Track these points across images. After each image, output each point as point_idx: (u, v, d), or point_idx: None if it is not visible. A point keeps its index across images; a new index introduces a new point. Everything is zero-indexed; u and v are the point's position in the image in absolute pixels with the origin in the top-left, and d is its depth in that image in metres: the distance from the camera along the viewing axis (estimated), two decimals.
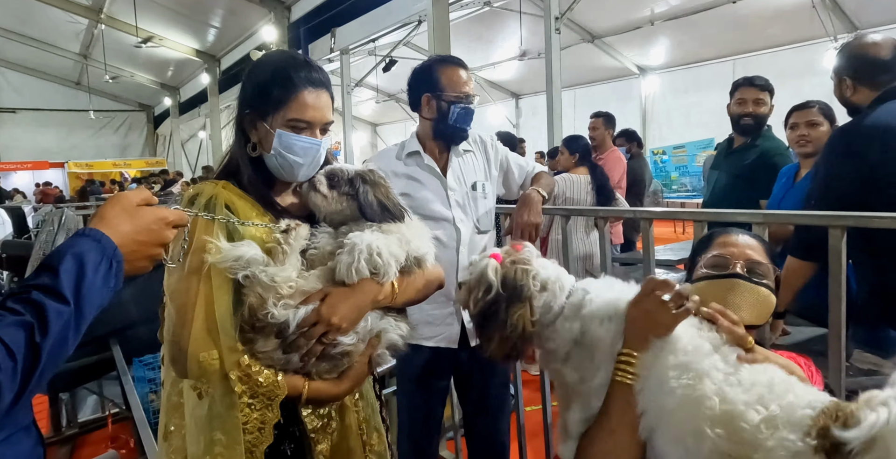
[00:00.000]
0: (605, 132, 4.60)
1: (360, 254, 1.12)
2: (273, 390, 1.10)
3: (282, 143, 1.19)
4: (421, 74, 1.95)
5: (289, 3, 11.37)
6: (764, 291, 1.13)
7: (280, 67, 1.20)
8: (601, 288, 1.10)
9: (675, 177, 12.38)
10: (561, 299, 1.10)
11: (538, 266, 1.12)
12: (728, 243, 1.20)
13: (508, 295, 1.08)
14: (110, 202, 0.88)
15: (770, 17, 9.04)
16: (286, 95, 1.18)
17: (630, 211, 1.80)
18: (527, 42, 9.78)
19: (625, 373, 0.99)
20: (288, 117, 1.19)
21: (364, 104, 16.78)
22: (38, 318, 0.70)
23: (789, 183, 2.48)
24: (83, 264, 0.76)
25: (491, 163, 2.06)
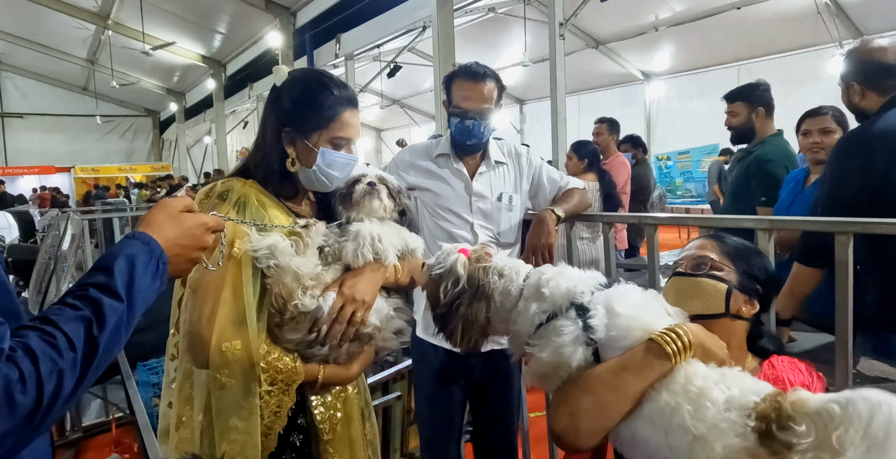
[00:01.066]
0: (609, 138, 4.60)
1: (363, 240, 1.23)
2: (291, 376, 1.16)
3: (325, 160, 1.27)
4: (445, 80, 1.96)
5: (294, 9, 11.43)
6: (701, 280, 1.18)
7: (322, 88, 1.27)
8: (557, 268, 1.18)
9: (679, 182, 12.36)
10: (518, 282, 1.19)
11: (497, 259, 1.24)
12: (686, 248, 1.28)
13: (471, 292, 1.19)
14: (157, 209, 0.96)
15: (775, 23, 9.02)
16: (333, 115, 1.26)
17: (635, 217, 1.80)
18: (531, 48, 9.79)
19: (674, 343, 1.00)
20: (332, 136, 1.27)
21: (369, 110, 16.82)
22: (96, 313, 0.75)
23: (798, 188, 2.46)
24: (134, 265, 0.82)
25: (523, 176, 2.03)
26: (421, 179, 1.98)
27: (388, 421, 2.66)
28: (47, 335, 0.70)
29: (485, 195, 1.95)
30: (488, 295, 1.19)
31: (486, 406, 2.06)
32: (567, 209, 1.91)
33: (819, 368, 1.74)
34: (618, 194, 3.86)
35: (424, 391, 2.07)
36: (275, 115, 1.30)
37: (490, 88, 1.87)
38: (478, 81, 1.86)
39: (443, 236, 1.93)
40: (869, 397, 0.80)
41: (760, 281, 1.21)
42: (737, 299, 1.18)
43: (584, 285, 1.12)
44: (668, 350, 1.00)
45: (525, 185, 2.03)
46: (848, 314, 1.36)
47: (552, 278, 1.14)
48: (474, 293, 1.19)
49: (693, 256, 1.23)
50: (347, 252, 1.24)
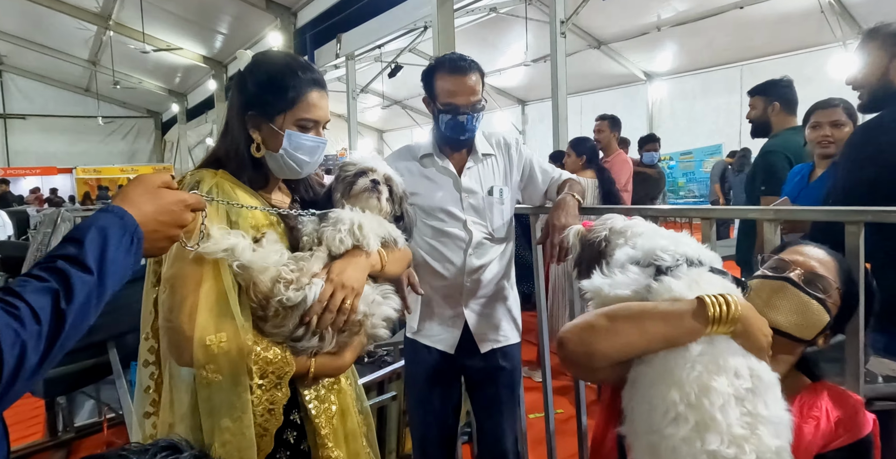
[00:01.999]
0: (610, 135, 4.54)
1: (342, 226, 1.20)
2: (283, 366, 1.11)
3: (291, 143, 1.22)
4: (424, 75, 1.88)
5: (295, 9, 11.42)
6: (814, 304, 1.08)
7: (285, 69, 1.22)
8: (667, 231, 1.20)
9: (682, 183, 12.30)
10: (628, 236, 1.23)
11: (615, 221, 1.32)
12: (797, 251, 1.17)
13: (588, 255, 1.28)
14: (133, 183, 0.92)
15: (778, 23, 8.97)
16: (297, 95, 1.21)
17: (637, 209, 1.74)
18: (533, 48, 9.76)
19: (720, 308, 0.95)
20: (297, 118, 1.22)
21: (370, 111, 16.81)
22: (64, 285, 0.72)
23: (803, 182, 2.40)
24: (107, 238, 0.79)
25: (513, 167, 1.96)
26: (408, 182, 1.90)
27: (384, 422, 2.61)
28: (9, 305, 0.67)
29: (475, 190, 1.88)
30: (604, 253, 1.25)
31: (485, 406, 2.01)
32: (582, 196, 1.84)
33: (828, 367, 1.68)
34: (617, 192, 3.80)
35: (416, 394, 2.03)
36: (239, 99, 1.25)
37: (475, 79, 1.80)
38: (464, 73, 1.78)
39: (435, 236, 1.88)
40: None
41: (846, 319, 1.16)
42: (824, 332, 1.11)
43: (677, 247, 1.08)
44: (709, 313, 0.94)
45: (515, 176, 1.97)
46: (859, 308, 1.29)
47: (655, 230, 1.20)
48: (591, 257, 1.27)
49: (812, 268, 1.12)
50: (326, 238, 1.20)
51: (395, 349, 3.99)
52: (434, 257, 1.88)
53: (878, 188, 1.63)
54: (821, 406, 1.08)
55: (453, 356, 1.91)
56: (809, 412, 1.08)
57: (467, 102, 1.79)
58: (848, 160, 1.77)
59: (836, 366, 1.62)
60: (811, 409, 1.07)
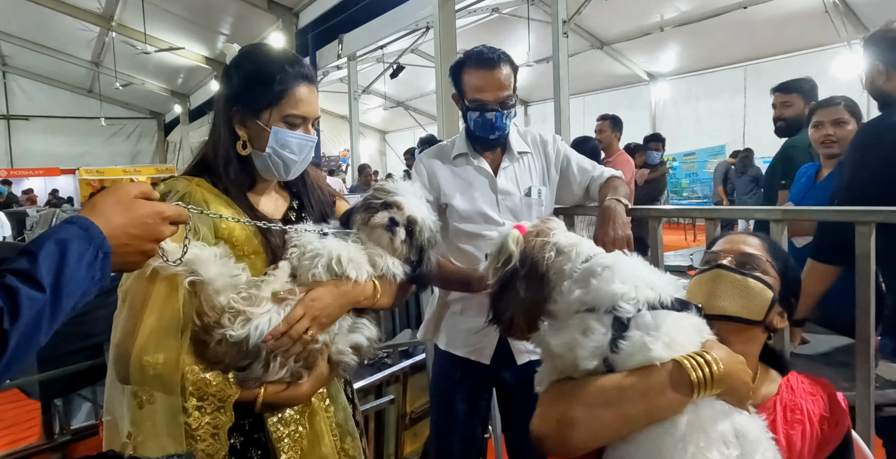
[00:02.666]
0: (612, 135, 4.51)
1: (320, 261, 1.13)
2: (224, 389, 1.04)
3: (278, 140, 1.15)
4: (452, 70, 1.78)
5: (297, 9, 11.41)
6: (751, 281, 1.06)
7: (272, 62, 1.16)
8: (621, 259, 1.04)
9: (685, 184, 12.26)
10: (576, 263, 1.05)
11: (560, 235, 1.10)
12: (723, 242, 1.17)
13: (526, 270, 1.05)
14: (105, 192, 0.85)
15: (782, 23, 8.93)
16: (284, 90, 1.14)
17: (639, 209, 1.69)
18: (535, 49, 9.72)
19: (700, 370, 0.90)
20: (285, 113, 1.15)
21: (372, 111, 16.79)
22: (10, 303, 0.66)
23: (810, 183, 2.36)
24: (65, 252, 0.72)
25: (551, 165, 1.83)
26: (447, 186, 1.81)
27: (382, 426, 2.57)
28: None
29: (511, 192, 1.77)
30: (544, 273, 1.05)
31: (518, 421, 1.86)
32: (628, 198, 1.68)
33: (835, 371, 1.64)
34: None
35: (442, 406, 1.91)
36: (224, 94, 1.19)
37: (506, 73, 1.69)
38: (492, 67, 1.67)
39: (469, 240, 1.78)
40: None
41: (795, 294, 1.12)
42: (774, 309, 1.07)
43: (637, 293, 0.96)
44: (692, 379, 0.89)
45: (554, 175, 1.83)
46: (870, 312, 1.25)
47: (609, 268, 1.00)
48: (528, 272, 1.05)
49: (740, 251, 1.11)
50: (301, 273, 1.13)
51: (394, 351, 3.94)
52: (467, 262, 1.78)
53: (885, 188, 1.59)
54: (801, 406, 1.06)
55: (488, 367, 1.79)
56: (793, 415, 1.05)
57: (495, 97, 1.68)
58: (853, 161, 1.73)
59: (845, 371, 1.57)
60: (793, 412, 1.05)
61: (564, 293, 1.03)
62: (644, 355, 0.92)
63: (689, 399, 0.90)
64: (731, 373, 0.92)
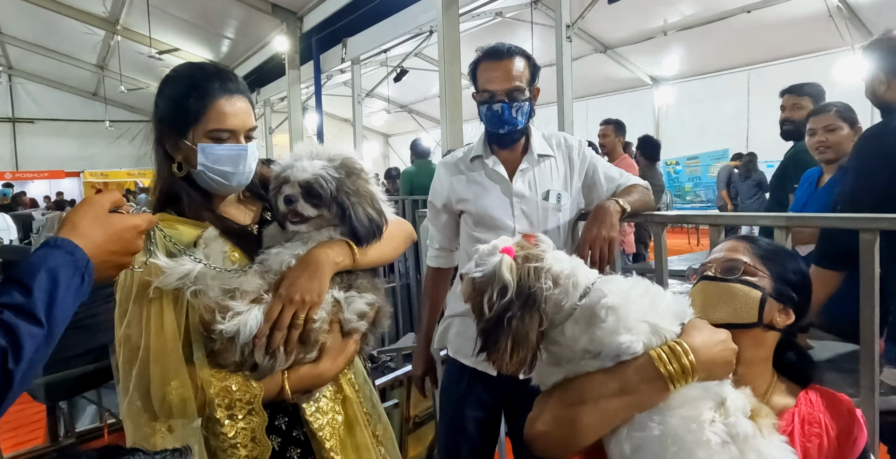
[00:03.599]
0: (615, 140, 4.52)
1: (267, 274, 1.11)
2: (248, 391, 1.05)
3: (206, 156, 1.13)
4: (470, 70, 1.75)
5: (301, 13, 11.44)
6: (734, 286, 1.07)
7: (190, 80, 1.15)
8: (623, 291, 0.98)
9: (688, 188, 12.25)
10: (573, 297, 0.99)
11: (551, 260, 1.02)
12: (714, 251, 1.17)
13: (522, 302, 0.97)
14: (83, 209, 0.83)
15: (785, 27, 8.93)
16: (202, 106, 1.12)
17: (643, 216, 1.69)
18: (539, 53, 9.71)
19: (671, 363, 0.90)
20: (208, 129, 1.13)
21: (376, 115, 16.83)
22: (12, 342, 0.65)
23: (812, 188, 2.37)
24: (57, 281, 0.71)
25: (575, 171, 1.76)
26: (462, 191, 1.78)
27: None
28: None
29: (526, 195, 1.71)
30: (540, 305, 0.98)
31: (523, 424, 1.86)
32: (632, 204, 1.62)
33: (840, 377, 1.63)
34: None
35: (450, 417, 1.88)
36: (154, 119, 1.19)
37: (518, 65, 1.64)
38: (502, 58, 1.64)
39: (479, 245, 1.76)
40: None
41: (797, 287, 1.10)
42: (771, 307, 1.06)
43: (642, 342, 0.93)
44: (662, 371, 0.90)
45: (577, 182, 1.76)
46: (874, 319, 1.25)
47: (613, 311, 0.94)
48: (525, 303, 0.97)
49: (723, 258, 1.11)
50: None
51: (398, 355, 3.95)
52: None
53: (888, 194, 1.59)
54: (820, 420, 1.05)
55: (496, 380, 1.72)
56: (811, 429, 1.04)
57: (502, 88, 1.63)
58: (855, 167, 1.73)
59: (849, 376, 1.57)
60: (811, 425, 1.04)
61: (567, 338, 0.99)
62: (615, 347, 0.93)
63: (666, 389, 0.90)
64: (709, 359, 0.93)
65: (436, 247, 1.91)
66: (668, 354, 0.91)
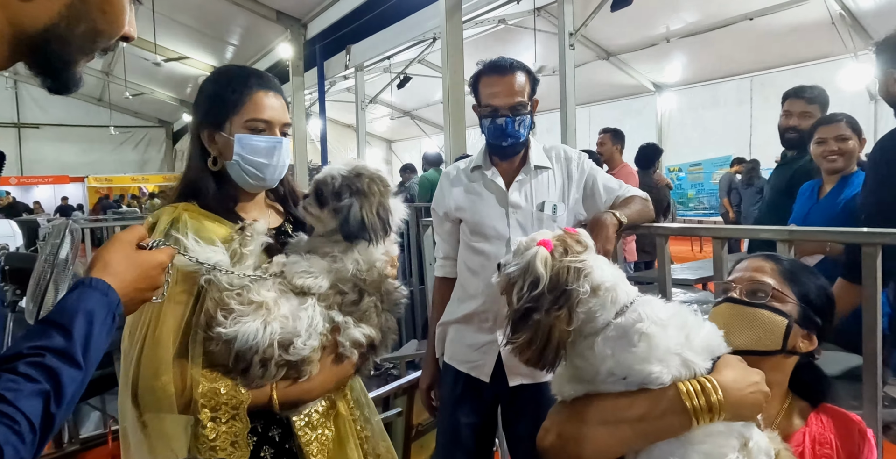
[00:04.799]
0: (612, 148, 4.52)
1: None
2: (235, 396, 1.05)
3: (243, 146, 1.16)
4: (470, 82, 1.79)
5: (305, 20, 11.51)
6: (760, 312, 1.04)
7: (229, 75, 1.21)
8: (660, 319, 0.95)
9: (691, 194, 12.25)
10: (610, 313, 0.96)
11: (593, 264, 0.98)
12: (739, 268, 1.15)
13: (553, 297, 0.95)
14: (114, 247, 0.87)
15: (788, 34, 8.94)
16: (240, 97, 1.16)
17: (645, 227, 1.70)
18: (541, 59, 9.76)
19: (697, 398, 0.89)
20: (245, 119, 1.16)
21: (379, 121, 16.88)
22: (55, 386, 0.67)
23: (813, 199, 2.36)
24: (92, 324, 0.74)
25: (573, 183, 1.78)
26: (461, 200, 1.82)
27: (389, 438, 2.57)
28: (7, 418, 0.63)
29: (522, 205, 1.74)
30: (572, 305, 0.95)
31: (518, 431, 1.84)
32: (629, 216, 1.63)
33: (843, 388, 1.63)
34: None
35: (446, 421, 1.89)
36: (193, 119, 1.23)
37: (520, 80, 1.69)
38: (505, 74, 1.68)
39: (474, 255, 1.77)
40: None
41: (820, 310, 1.08)
42: (795, 333, 1.05)
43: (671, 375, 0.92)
44: (688, 406, 0.89)
45: (574, 193, 1.78)
46: (877, 332, 1.26)
47: (647, 339, 0.92)
48: (557, 298, 0.95)
49: (749, 279, 1.09)
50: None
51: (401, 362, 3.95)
52: (470, 277, 1.78)
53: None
54: (831, 441, 1.04)
55: (489, 386, 1.76)
56: (821, 449, 1.04)
57: (507, 102, 1.67)
58: (877, 174, 1.71)
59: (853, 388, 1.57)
60: (822, 446, 1.04)
61: (595, 354, 0.96)
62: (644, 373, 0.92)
63: (689, 425, 0.89)
64: (738, 400, 0.91)
65: (441, 256, 1.93)
66: (697, 389, 0.89)
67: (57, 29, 0.69)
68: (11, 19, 0.67)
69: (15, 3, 0.66)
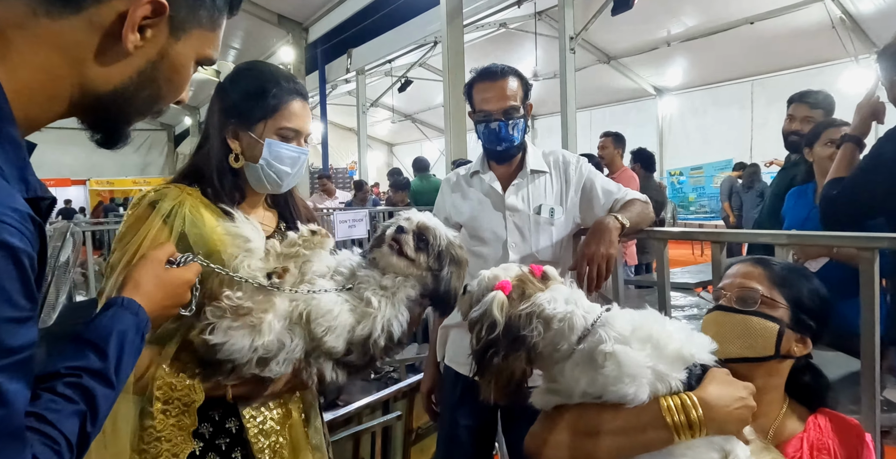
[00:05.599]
0: (614, 152, 4.53)
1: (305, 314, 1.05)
2: (189, 395, 1.05)
3: (272, 152, 1.17)
4: (465, 90, 1.82)
5: (307, 24, 11.56)
6: (749, 318, 1.04)
7: (270, 76, 1.20)
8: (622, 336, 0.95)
9: (692, 198, 12.25)
10: (570, 340, 0.98)
11: (545, 301, 1.00)
12: (728, 274, 1.15)
13: (508, 342, 0.98)
14: (145, 266, 0.90)
15: (789, 38, 8.96)
16: (278, 103, 1.17)
17: (645, 232, 1.71)
18: (542, 63, 9.79)
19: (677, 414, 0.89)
20: (279, 126, 1.17)
21: (380, 124, 16.92)
22: (90, 406, 0.68)
23: (810, 203, 2.36)
24: (124, 344, 0.76)
25: (570, 186, 1.79)
26: (460, 205, 1.84)
27: (389, 442, 2.57)
28: (50, 440, 0.63)
29: (519, 208, 1.75)
30: (529, 346, 0.98)
31: (518, 435, 1.85)
32: (630, 219, 1.63)
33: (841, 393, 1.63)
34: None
35: (445, 425, 1.90)
36: (219, 108, 1.20)
37: (512, 85, 1.71)
38: (496, 79, 1.71)
39: (473, 263, 1.78)
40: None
41: (813, 313, 1.07)
42: (788, 338, 1.04)
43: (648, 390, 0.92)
44: (668, 421, 0.89)
45: (573, 197, 1.78)
46: (874, 337, 1.25)
47: (613, 358, 0.92)
48: (511, 343, 0.98)
49: (738, 286, 1.09)
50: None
51: (401, 366, 3.95)
52: (469, 280, 1.80)
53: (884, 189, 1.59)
54: (829, 446, 1.04)
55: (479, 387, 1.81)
56: (819, 455, 1.03)
57: (497, 107, 1.70)
58: (870, 153, 1.73)
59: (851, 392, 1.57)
60: (820, 452, 1.03)
61: (567, 378, 0.99)
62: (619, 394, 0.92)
63: (670, 440, 0.89)
64: (721, 416, 0.90)
65: None
66: (678, 405, 0.90)
67: (125, 93, 0.70)
68: (83, 78, 0.67)
69: (92, 65, 0.66)
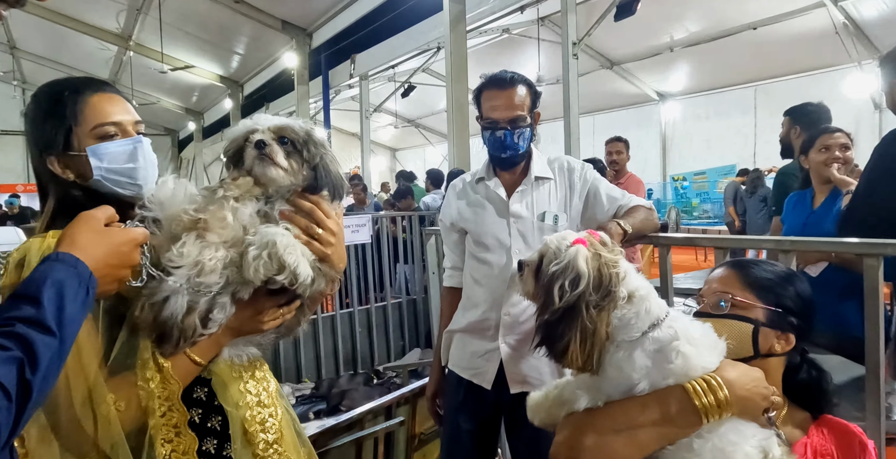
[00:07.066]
0: (626, 157, 4.54)
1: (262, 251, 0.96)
2: (168, 386, 0.98)
3: (100, 157, 1.03)
4: (473, 95, 1.81)
5: (310, 30, 11.61)
6: (724, 322, 1.06)
7: (54, 90, 1.07)
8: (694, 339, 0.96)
9: (696, 203, 12.24)
10: (644, 323, 0.96)
11: (627, 270, 0.98)
12: (706, 280, 1.17)
13: (600, 295, 0.94)
14: (80, 223, 0.84)
15: (792, 43, 8.96)
16: (75, 107, 1.04)
17: (648, 238, 1.70)
18: (545, 69, 9.81)
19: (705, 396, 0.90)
20: (90, 128, 1.04)
21: (383, 129, 16.95)
22: (27, 353, 0.66)
23: (807, 209, 2.38)
24: (63, 294, 0.72)
25: (575, 193, 1.79)
26: (465, 211, 1.84)
27: (391, 447, 2.57)
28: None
29: (523, 215, 1.75)
30: (611, 309, 0.94)
31: (521, 439, 1.83)
32: (633, 225, 1.63)
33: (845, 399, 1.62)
34: None
35: (448, 429, 1.90)
36: (32, 144, 1.06)
37: (520, 93, 1.71)
38: (505, 87, 1.70)
39: (477, 264, 1.79)
40: None
41: (795, 312, 1.08)
42: (767, 336, 1.05)
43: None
44: (697, 404, 0.90)
45: (577, 203, 1.78)
46: (879, 345, 1.25)
47: (684, 358, 0.93)
48: (602, 297, 0.93)
49: (713, 291, 1.11)
50: (247, 263, 0.96)
51: (403, 371, 3.94)
52: (473, 286, 1.80)
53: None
54: (832, 452, 1.04)
55: (491, 393, 1.76)
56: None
57: (507, 115, 1.69)
58: (874, 163, 1.73)
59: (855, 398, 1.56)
60: (824, 457, 1.03)
61: (636, 366, 0.95)
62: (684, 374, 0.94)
63: (699, 423, 0.91)
64: (743, 395, 0.93)
65: (449, 266, 1.96)
66: (704, 387, 0.91)
67: None
68: None
69: None
